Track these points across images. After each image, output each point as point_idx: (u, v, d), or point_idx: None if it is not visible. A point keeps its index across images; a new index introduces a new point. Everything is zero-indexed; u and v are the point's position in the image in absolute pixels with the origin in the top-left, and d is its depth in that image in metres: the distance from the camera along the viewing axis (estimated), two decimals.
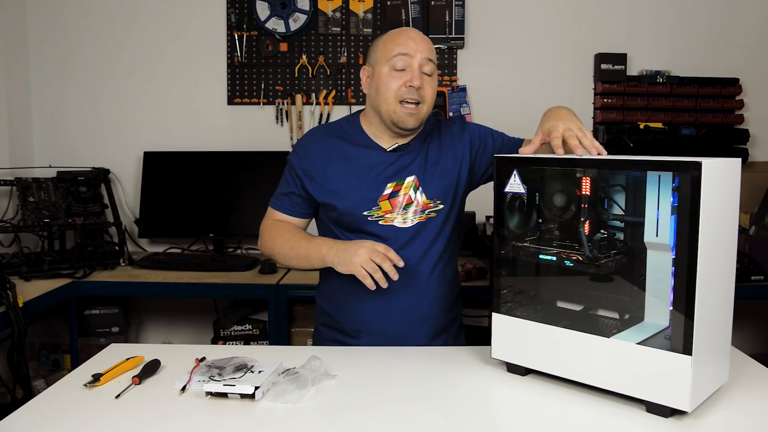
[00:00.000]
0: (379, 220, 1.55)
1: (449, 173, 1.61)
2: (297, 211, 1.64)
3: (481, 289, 2.30)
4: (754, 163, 2.86)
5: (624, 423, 1.10)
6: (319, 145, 1.61)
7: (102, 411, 1.15)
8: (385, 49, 1.54)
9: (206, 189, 2.81)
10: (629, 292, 1.23)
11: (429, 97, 1.54)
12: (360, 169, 1.57)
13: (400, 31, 1.57)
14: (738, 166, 1.16)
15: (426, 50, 1.54)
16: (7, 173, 2.70)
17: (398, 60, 1.52)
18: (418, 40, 1.54)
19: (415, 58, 1.52)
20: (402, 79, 1.51)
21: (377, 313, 1.55)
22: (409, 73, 1.52)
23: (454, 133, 1.65)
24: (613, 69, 2.82)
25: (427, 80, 1.54)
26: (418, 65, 1.52)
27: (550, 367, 1.24)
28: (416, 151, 1.60)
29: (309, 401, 1.18)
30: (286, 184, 1.65)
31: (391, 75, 1.52)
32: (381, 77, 1.54)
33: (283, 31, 2.87)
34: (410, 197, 1.57)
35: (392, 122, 1.54)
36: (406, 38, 1.53)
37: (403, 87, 1.51)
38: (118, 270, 2.53)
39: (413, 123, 1.54)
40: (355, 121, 1.65)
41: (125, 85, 2.95)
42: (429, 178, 1.58)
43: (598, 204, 1.26)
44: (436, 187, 1.59)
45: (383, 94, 1.53)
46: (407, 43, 1.52)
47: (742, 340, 2.84)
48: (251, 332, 2.59)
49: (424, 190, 1.58)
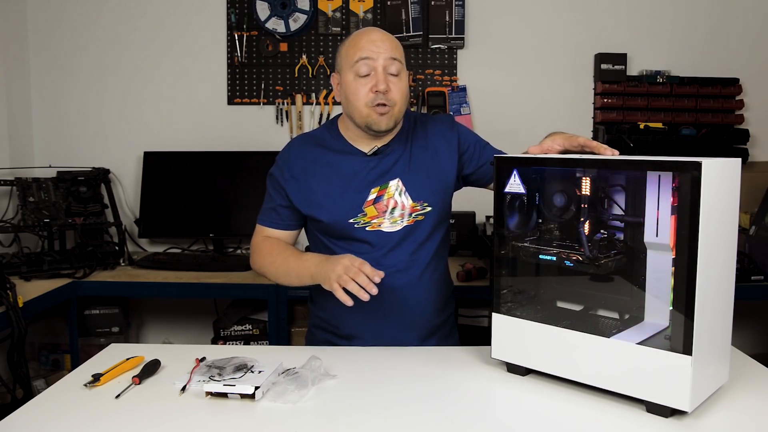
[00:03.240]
0: (366, 226, 1.53)
1: (436, 174, 1.58)
2: (285, 224, 1.63)
3: (481, 289, 2.30)
4: (754, 163, 2.86)
5: (624, 423, 1.10)
6: (299, 156, 1.59)
7: (102, 411, 1.15)
8: (348, 55, 1.52)
9: (206, 189, 2.81)
10: (629, 292, 1.23)
11: (399, 98, 1.51)
12: (342, 176, 1.55)
13: (360, 34, 1.53)
14: (738, 166, 1.16)
15: (389, 50, 1.50)
16: (7, 173, 2.70)
17: (361, 65, 1.49)
18: (379, 41, 1.50)
19: (378, 60, 1.48)
20: (368, 84, 1.49)
21: (369, 318, 1.54)
22: (373, 77, 1.49)
23: (443, 133, 1.62)
24: (613, 69, 2.82)
25: (393, 81, 1.50)
26: (383, 68, 1.49)
27: (550, 367, 1.24)
28: (398, 152, 1.57)
29: (309, 401, 1.18)
30: (270, 199, 1.63)
31: (356, 82, 1.50)
32: (348, 85, 1.51)
33: (283, 31, 2.87)
34: (395, 201, 1.54)
35: (366, 126, 1.52)
36: (367, 41, 1.50)
37: (371, 92, 1.49)
38: (118, 270, 2.53)
39: (386, 124, 1.51)
40: (333, 127, 1.63)
41: (125, 85, 2.95)
42: (414, 180, 1.56)
43: (598, 204, 1.26)
44: (422, 189, 1.56)
45: (352, 102, 1.51)
46: (368, 47, 1.49)
47: (742, 340, 2.84)
48: (251, 332, 2.59)
49: (409, 192, 1.55)
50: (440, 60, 2.89)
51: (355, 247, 1.54)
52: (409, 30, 2.83)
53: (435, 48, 2.88)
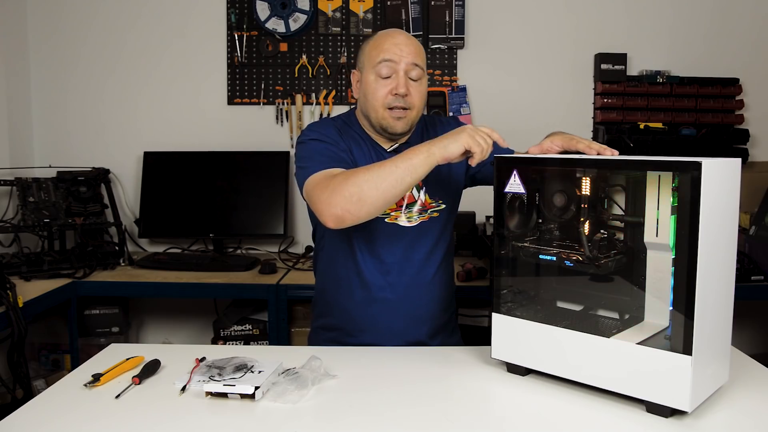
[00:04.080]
0: (385, 217, 1.55)
1: (449, 173, 1.61)
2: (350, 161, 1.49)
3: (481, 289, 2.30)
4: (754, 163, 2.86)
5: (624, 423, 1.09)
6: (333, 130, 1.56)
7: (102, 411, 1.15)
8: (371, 55, 1.52)
9: (206, 189, 2.81)
10: (629, 292, 1.23)
11: (417, 102, 1.52)
12: (367, 161, 1.54)
13: (385, 36, 1.53)
14: (738, 166, 1.16)
15: (412, 54, 1.50)
16: (7, 173, 2.70)
17: (383, 67, 1.49)
18: (403, 45, 1.50)
19: (401, 64, 1.49)
20: (388, 86, 1.49)
21: (383, 313, 1.56)
22: (394, 80, 1.49)
23: None
24: (613, 69, 2.82)
25: (414, 86, 1.51)
26: (404, 72, 1.49)
27: (550, 367, 1.24)
28: None
29: (309, 401, 1.18)
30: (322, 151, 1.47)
31: (377, 82, 1.50)
32: (368, 84, 1.52)
33: (283, 31, 2.87)
34: (413, 196, 1.56)
35: (381, 128, 1.54)
36: (391, 44, 1.50)
37: (390, 95, 1.49)
38: (118, 270, 2.53)
39: (402, 128, 1.53)
40: (352, 119, 1.63)
41: (125, 84, 2.95)
42: (430, 178, 1.56)
43: (598, 204, 1.26)
44: (438, 187, 1.59)
45: (371, 101, 1.52)
46: (392, 50, 1.49)
47: (742, 340, 2.84)
48: (251, 332, 2.59)
49: (426, 189, 1.58)
50: (440, 60, 2.89)
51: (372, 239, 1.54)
52: (409, 30, 2.83)
53: (435, 48, 2.88)
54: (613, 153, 1.27)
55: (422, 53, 1.55)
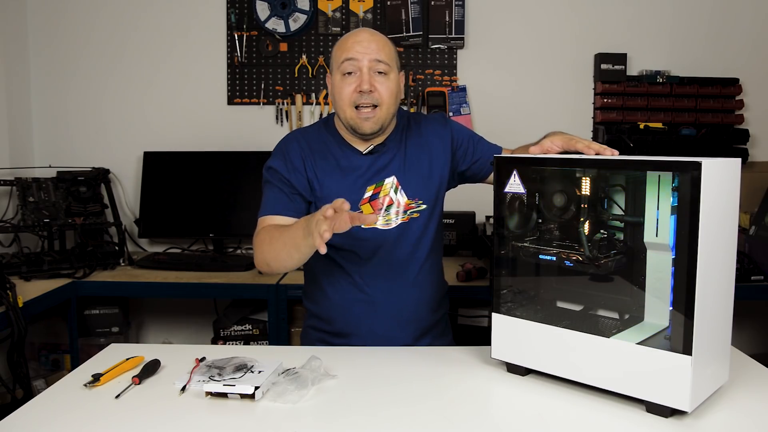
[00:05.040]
0: None
1: (431, 171, 1.59)
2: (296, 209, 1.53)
3: (481, 289, 2.30)
4: (754, 163, 2.86)
5: (624, 423, 1.10)
6: (297, 148, 1.57)
7: (102, 411, 1.15)
8: (335, 56, 1.53)
9: (206, 189, 2.81)
10: (629, 292, 1.23)
11: (386, 98, 1.50)
12: (340, 170, 1.56)
13: (349, 35, 1.54)
14: (738, 166, 1.16)
15: (374, 51, 1.49)
16: (7, 173, 2.70)
17: (347, 65, 1.49)
18: (366, 42, 1.50)
19: (363, 61, 1.48)
20: (353, 84, 1.49)
21: (365, 316, 1.56)
22: (358, 78, 1.49)
23: (436, 130, 1.63)
24: (613, 69, 2.82)
25: (380, 81, 1.50)
26: (368, 68, 1.48)
27: (550, 367, 1.24)
28: (393, 150, 1.58)
29: (309, 401, 1.18)
30: (272, 189, 1.55)
31: (342, 81, 1.50)
32: (335, 85, 1.52)
33: (283, 31, 2.87)
34: (391, 198, 1.55)
35: (351, 128, 1.53)
36: (353, 42, 1.50)
37: (355, 93, 1.49)
38: (118, 270, 2.53)
39: (370, 128, 1.51)
40: (330, 123, 1.63)
41: (125, 84, 2.95)
42: (409, 177, 1.57)
43: (598, 204, 1.26)
44: (417, 186, 1.57)
45: (338, 102, 1.52)
46: (354, 47, 1.49)
47: (742, 340, 2.84)
48: (251, 332, 2.60)
49: (404, 190, 1.57)
50: (440, 60, 2.89)
51: (352, 245, 1.54)
52: (409, 30, 2.83)
53: (435, 48, 2.88)
54: (612, 153, 1.27)
55: (388, 49, 1.53)
